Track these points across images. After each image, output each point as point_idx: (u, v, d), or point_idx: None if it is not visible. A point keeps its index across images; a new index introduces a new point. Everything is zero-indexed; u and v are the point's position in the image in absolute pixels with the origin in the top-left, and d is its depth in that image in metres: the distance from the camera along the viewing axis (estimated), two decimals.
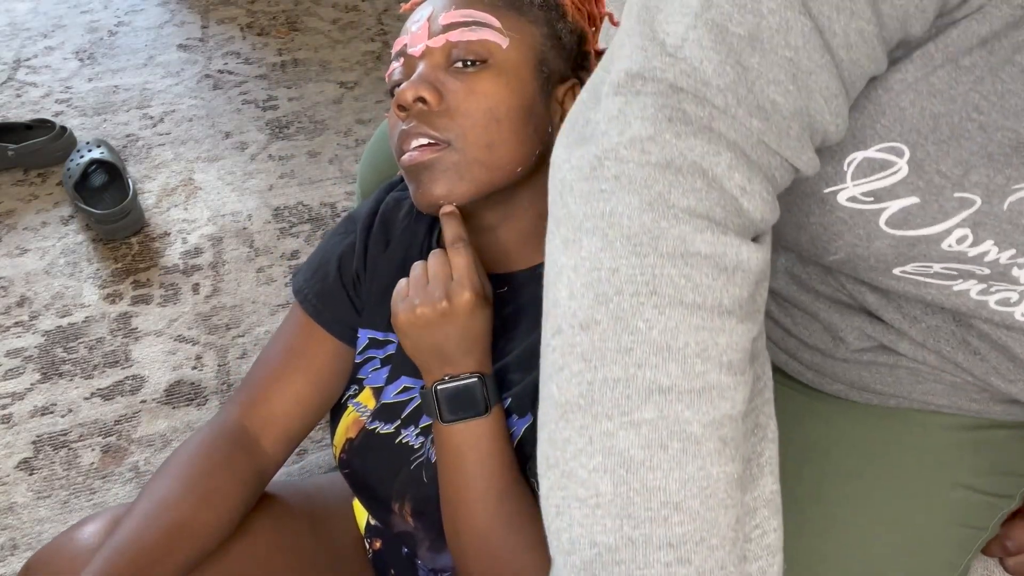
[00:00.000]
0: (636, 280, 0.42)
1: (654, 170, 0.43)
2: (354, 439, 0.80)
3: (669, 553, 0.41)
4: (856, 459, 0.68)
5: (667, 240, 0.43)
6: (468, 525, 0.67)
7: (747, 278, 0.44)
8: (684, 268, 0.42)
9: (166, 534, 0.67)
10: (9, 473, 1.19)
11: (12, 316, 1.42)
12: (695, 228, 0.43)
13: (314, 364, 0.78)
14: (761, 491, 0.45)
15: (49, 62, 2.07)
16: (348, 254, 0.81)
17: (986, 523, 0.69)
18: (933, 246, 0.53)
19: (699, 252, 0.42)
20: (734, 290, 0.43)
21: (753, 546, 0.44)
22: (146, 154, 1.78)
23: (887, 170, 0.50)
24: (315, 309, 0.79)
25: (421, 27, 0.71)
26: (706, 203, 0.43)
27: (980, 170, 0.47)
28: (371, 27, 2.23)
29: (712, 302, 0.43)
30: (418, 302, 0.66)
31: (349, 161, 1.78)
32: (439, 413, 0.67)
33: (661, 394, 0.42)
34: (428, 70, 0.69)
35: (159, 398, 1.29)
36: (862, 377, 0.69)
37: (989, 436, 0.69)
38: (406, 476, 0.75)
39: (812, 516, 0.66)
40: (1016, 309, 0.57)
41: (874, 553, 0.65)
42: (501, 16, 0.70)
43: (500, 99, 0.68)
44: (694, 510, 0.41)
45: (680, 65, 0.44)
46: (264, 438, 0.77)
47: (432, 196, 0.68)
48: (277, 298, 1.46)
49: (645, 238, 0.43)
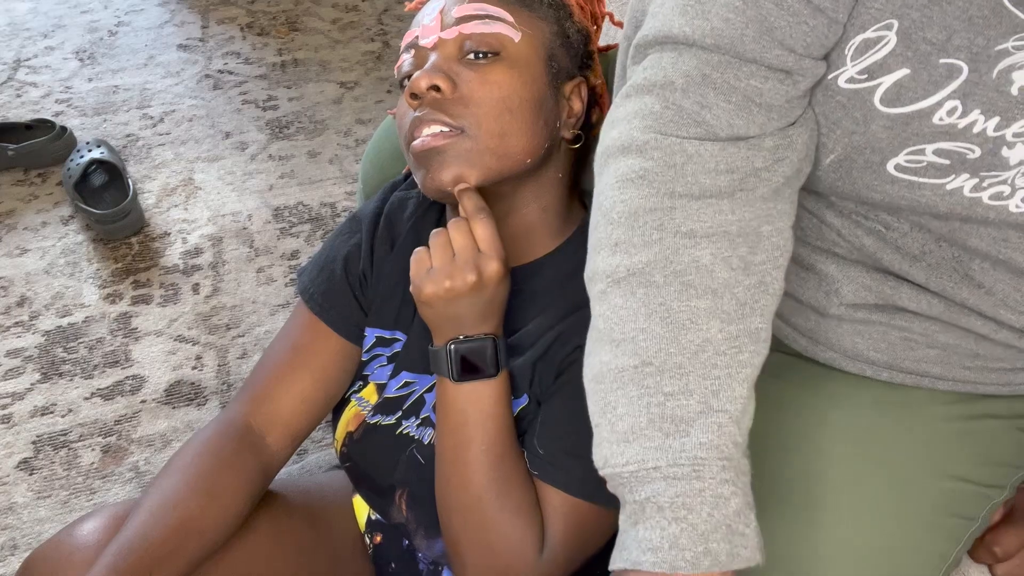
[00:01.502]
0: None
1: (665, 112, 0.55)
2: (354, 432, 0.80)
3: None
4: (847, 447, 0.68)
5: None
6: (460, 485, 0.68)
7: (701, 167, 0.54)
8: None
9: (174, 532, 0.67)
10: (9, 473, 1.19)
11: (12, 316, 1.42)
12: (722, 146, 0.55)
13: (320, 362, 0.79)
14: (747, 325, 0.54)
15: (49, 62, 2.07)
16: (354, 254, 0.81)
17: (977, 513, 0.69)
18: (925, 121, 0.54)
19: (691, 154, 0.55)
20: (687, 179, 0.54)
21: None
22: (146, 154, 1.78)
23: (879, 44, 0.53)
24: (321, 308, 0.79)
25: (434, 20, 0.71)
26: (670, 124, 0.55)
27: (962, 34, 0.50)
28: (371, 27, 2.23)
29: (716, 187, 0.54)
30: (447, 276, 0.65)
31: (349, 161, 1.78)
32: (451, 371, 0.68)
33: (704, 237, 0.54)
34: (441, 60, 0.70)
35: (159, 398, 1.29)
36: (855, 344, 0.69)
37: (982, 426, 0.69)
38: (405, 464, 0.76)
39: (800, 503, 0.66)
40: (1010, 202, 0.57)
41: (864, 542, 0.65)
42: (513, 11, 0.71)
43: (513, 89, 0.68)
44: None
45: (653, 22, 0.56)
46: (269, 436, 0.77)
47: (441, 181, 0.68)
48: (277, 298, 1.46)
49: (676, 159, 0.55)
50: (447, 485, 0.69)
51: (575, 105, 0.75)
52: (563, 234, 0.76)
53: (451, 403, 0.69)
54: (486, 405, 0.68)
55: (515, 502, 0.67)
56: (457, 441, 0.68)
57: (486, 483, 0.67)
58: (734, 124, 0.55)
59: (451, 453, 0.69)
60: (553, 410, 0.70)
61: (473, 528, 0.68)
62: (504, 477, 0.67)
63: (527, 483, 0.69)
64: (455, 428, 0.68)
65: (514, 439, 0.69)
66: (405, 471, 0.76)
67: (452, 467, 0.69)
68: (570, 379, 0.69)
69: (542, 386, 0.71)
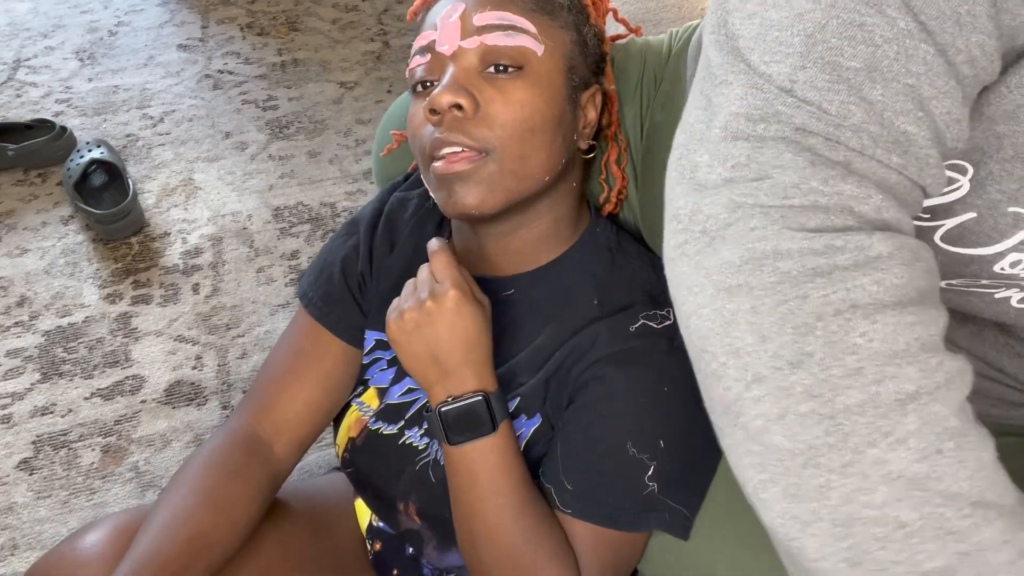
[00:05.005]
0: (831, 300, 0.40)
1: (801, 212, 0.42)
2: (356, 438, 0.80)
3: (1009, 551, 0.38)
4: None
5: (845, 253, 0.41)
6: (487, 540, 0.66)
7: (927, 267, 0.43)
8: (872, 273, 0.41)
9: (186, 546, 0.67)
10: (9, 473, 1.19)
11: (12, 316, 1.42)
12: (868, 235, 0.41)
13: (323, 367, 0.78)
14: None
15: (49, 62, 2.07)
16: (351, 257, 0.80)
17: None
18: (986, 267, 0.52)
19: (880, 254, 0.41)
20: (920, 281, 0.42)
21: None
22: (146, 154, 1.78)
23: (950, 187, 0.48)
24: (321, 313, 0.79)
25: (453, 25, 0.67)
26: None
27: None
28: (371, 27, 2.23)
29: (909, 296, 0.41)
30: (403, 303, 0.67)
31: (349, 161, 1.78)
32: (446, 436, 0.66)
33: (912, 400, 0.39)
34: (462, 74, 0.66)
35: (159, 398, 1.29)
36: None
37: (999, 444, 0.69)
38: (411, 476, 0.75)
39: None
40: None
41: None
42: (535, 20, 0.68)
43: (535, 109, 0.66)
44: (993, 501, 0.39)
45: (805, 107, 0.42)
46: (276, 444, 0.77)
47: (464, 207, 0.66)
48: (277, 298, 1.46)
49: (821, 260, 0.41)
50: (474, 542, 0.67)
51: (590, 114, 0.72)
52: (569, 240, 0.75)
53: (456, 464, 0.67)
54: (492, 460, 0.66)
55: (549, 548, 0.65)
56: (472, 498, 0.66)
57: (515, 535, 0.65)
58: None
59: (468, 509, 0.67)
60: (573, 441, 0.68)
61: (510, 574, 0.66)
62: (532, 525, 0.65)
63: (555, 524, 0.67)
64: (467, 487, 0.67)
65: (531, 485, 0.67)
66: (412, 484, 0.75)
67: (474, 524, 0.67)
68: (584, 404, 0.68)
69: (555, 405, 0.70)
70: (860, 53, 0.41)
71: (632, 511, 0.66)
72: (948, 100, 0.42)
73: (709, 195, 0.44)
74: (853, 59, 0.41)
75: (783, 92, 0.42)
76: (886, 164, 0.42)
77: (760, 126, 0.43)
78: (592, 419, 0.67)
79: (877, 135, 0.42)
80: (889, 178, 0.43)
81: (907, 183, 0.43)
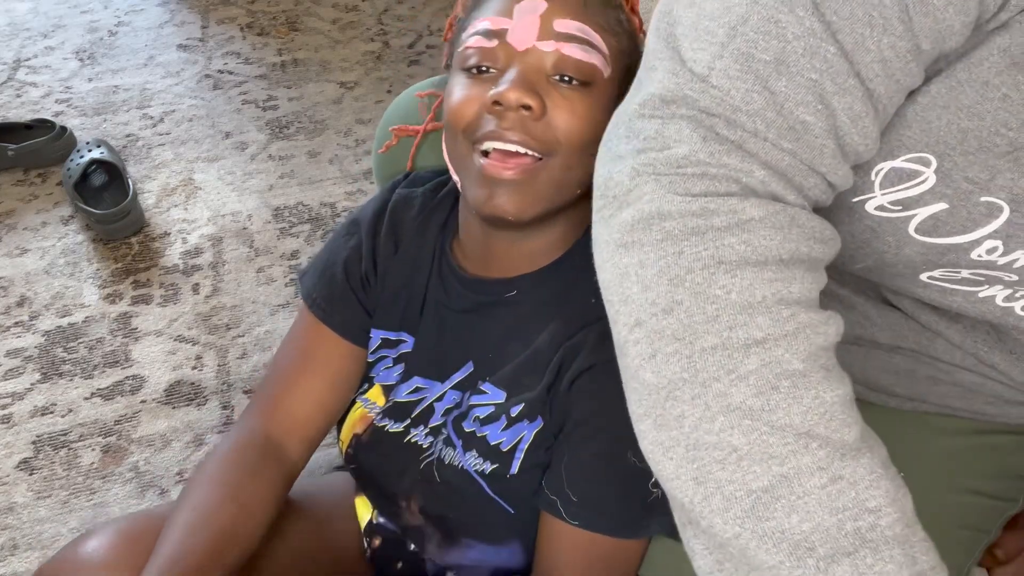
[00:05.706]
0: (702, 256, 0.45)
1: (689, 179, 0.46)
2: (361, 435, 0.80)
3: (821, 476, 0.42)
4: None
5: (719, 215, 0.45)
6: None
7: (802, 233, 0.46)
8: (741, 234, 0.45)
9: (212, 543, 0.67)
10: (9, 473, 1.19)
11: (12, 316, 1.42)
12: (743, 200, 0.45)
13: (329, 366, 0.79)
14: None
15: (49, 62, 2.07)
16: (353, 257, 0.80)
17: (990, 526, 0.69)
18: (963, 255, 0.53)
19: (752, 217, 0.45)
20: (791, 245, 0.46)
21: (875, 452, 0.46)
22: (146, 154, 1.78)
23: (915, 180, 0.50)
24: (324, 313, 0.79)
25: (531, 21, 0.65)
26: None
27: (1006, 174, 0.48)
28: (371, 27, 2.23)
29: (775, 256, 0.45)
30: None
31: (349, 161, 1.78)
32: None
33: (758, 345, 0.44)
34: (532, 73, 0.65)
35: (159, 398, 1.29)
36: (879, 378, 0.69)
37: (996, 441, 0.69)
38: (415, 474, 0.76)
39: None
40: None
41: None
42: (607, 41, 0.67)
43: (593, 126, 0.65)
44: (820, 434, 0.43)
45: (711, 92, 0.46)
46: (288, 444, 0.77)
47: (503, 212, 0.65)
48: (277, 298, 1.46)
49: (699, 220, 0.45)
50: None
51: None
52: (571, 241, 0.74)
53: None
54: None
55: None
56: None
57: None
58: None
59: None
60: (575, 455, 0.68)
61: None
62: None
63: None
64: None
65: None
66: (415, 482, 0.76)
67: None
68: (581, 419, 0.68)
69: (555, 413, 0.70)
70: (772, 47, 0.45)
71: (636, 518, 0.66)
72: (849, 97, 0.45)
73: (619, 164, 0.50)
74: (765, 52, 0.45)
75: (698, 79, 0.47)
76: (778, 147, 0.46)
77: (672, 107, 0.48)
78: (590, 433, 0.67)
79: (772, 120, 0.46)
80: (781, 160, 0.47)
81: (801, 167, 0.47)
